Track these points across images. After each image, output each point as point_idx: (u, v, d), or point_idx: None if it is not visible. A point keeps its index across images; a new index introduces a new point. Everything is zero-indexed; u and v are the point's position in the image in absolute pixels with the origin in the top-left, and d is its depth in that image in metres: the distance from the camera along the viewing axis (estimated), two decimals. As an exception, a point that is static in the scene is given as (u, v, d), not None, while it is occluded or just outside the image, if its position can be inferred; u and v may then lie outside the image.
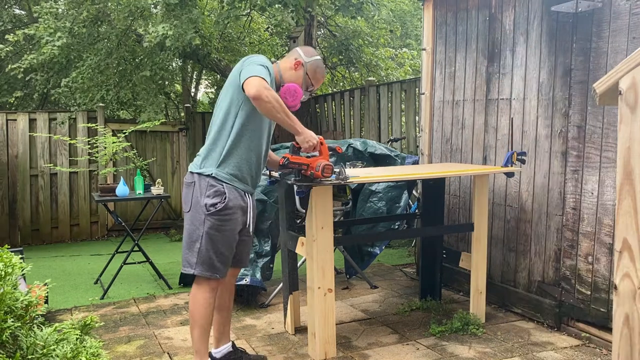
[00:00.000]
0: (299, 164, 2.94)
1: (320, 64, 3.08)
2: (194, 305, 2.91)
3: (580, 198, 3.54)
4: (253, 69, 2.70)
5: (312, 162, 2.95)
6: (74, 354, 1.79)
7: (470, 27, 4.31)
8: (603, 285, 3.41)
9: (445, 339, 3.61)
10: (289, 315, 3.76)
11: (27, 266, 2.04)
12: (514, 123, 3.94)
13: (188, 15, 6.01)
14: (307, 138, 2.90)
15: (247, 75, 2.67)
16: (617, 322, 1.67)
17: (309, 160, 2.96)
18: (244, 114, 2.83)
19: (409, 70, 10.08)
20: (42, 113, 7.42)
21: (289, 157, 2.92)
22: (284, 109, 2.73)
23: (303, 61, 3.00)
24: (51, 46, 6.36)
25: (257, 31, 9.68)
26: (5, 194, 7.25)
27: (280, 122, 2.77)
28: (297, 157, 2.95)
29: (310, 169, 2.94)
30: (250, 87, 2.64)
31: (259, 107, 2.70)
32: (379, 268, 5.45)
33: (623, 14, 3.22)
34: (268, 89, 2.66)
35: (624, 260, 1.63)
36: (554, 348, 3.45)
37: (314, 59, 3.04)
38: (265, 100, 2.64)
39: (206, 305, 2.91)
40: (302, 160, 2.95)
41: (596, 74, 3.37)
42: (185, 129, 8.20)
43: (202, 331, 2.93)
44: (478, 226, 3.82)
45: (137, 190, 4.98)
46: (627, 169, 1.61)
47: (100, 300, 4.63)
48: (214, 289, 2.93)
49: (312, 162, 2.95)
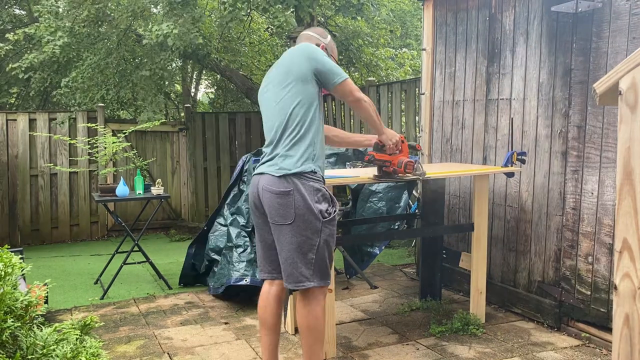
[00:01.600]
0: (382, 161, 3.12)
1: (333, 41, 3.12)
2: (315, 320, 2.71)
3: (580, 198, 3.54)
4: (338, 69, 2.76)
5: (393, 160, 3.13)
6: (74, 354, 1.78)
7: (470, 27, 4.31)
8: (603, 285, 3.41)
9: (445, 339, 3.61)
10: (289, 315, 3.76)
11: (27, 266, 2.04)
12: (514, 123, 3.94)
13: (191, 14, 6.01)
14: (390, 136, 3.06)
15: (340, 77, 2.74)
16: (617, 322, 1.66)
17: (391, 157, 3.13)
18: (318, 107, 2.77)
19: (409, 70, 10.08)
20: (42, 113, 7.42)
21: (374, 155, 3.10)
22: (375, 109, 2.90)
23: (324, 44, 3.00)
24: (52, 45, 6.36)
25: (257, 31, 9.67)
26: (5, 194, 7.25)
27: (372, 122, 2.92)
28: (381, 154, 3.11)
29: (392, 165, 3.13)
30: (352, 90, 2.77)
31: (357, 108, 2.85)
32: (379, 268, 5.45)
33: (623, 14, 3.22)
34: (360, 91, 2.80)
35: (624, 260, 1.63)
36: (554, 348, 3.45)
37: (328, 37, 3.07)
38: (366, 101, 2.81)
39: (324, 316, 2.79)
40: (385, 157, 3.12)
41: (596, 74, 3.37)
42: (185, 129, 8.20)
43: (321, 345, 2.79)
44: (478, 226, 3.81)
45: (137, 191, 4.98)
46: (627, 169, 1.61)
47: (100, 301, 4.63)
48: (325, 296, 2.82)
49: (394, 159, 3.13)
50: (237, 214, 4.64)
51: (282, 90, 2.75)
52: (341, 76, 2.74)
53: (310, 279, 2.68)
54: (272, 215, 2.69)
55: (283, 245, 2.69)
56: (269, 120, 2.81)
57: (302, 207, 2.63)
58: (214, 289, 4.54)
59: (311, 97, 2.73)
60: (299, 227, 2.64)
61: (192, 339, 3.72)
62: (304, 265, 2.66)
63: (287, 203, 2.64)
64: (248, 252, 4.37)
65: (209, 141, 8.40)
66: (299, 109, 2.70)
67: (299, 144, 2.69)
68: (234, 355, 3.43)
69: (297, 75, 2.72)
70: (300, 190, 2.64)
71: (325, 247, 2.70)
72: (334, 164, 4.61)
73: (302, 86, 2.71)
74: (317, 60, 2.73)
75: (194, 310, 4.31)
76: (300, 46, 2.83)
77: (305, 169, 2.66)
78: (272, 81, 2.84)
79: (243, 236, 4.47)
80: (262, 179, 2.73)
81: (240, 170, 4.82)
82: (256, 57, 9.78)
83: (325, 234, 2.69)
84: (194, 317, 4.16)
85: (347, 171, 3.84)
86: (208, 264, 4.77)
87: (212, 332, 3.83)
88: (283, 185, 2.65)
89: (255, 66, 9.80)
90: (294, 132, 2.70)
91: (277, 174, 2.66)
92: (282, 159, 2.69)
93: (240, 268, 4.29)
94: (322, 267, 2.71)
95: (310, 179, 2.67)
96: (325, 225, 2.69)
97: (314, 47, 2.80)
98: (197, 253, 4.89)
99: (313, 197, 2.66)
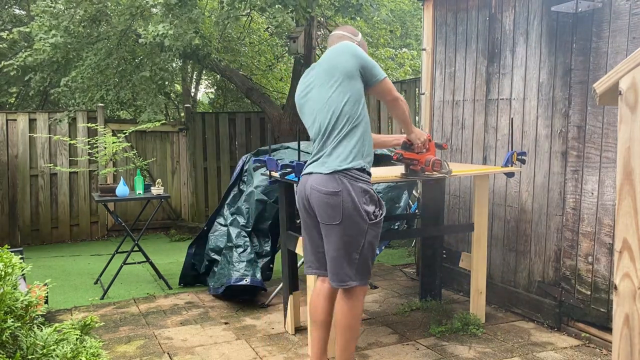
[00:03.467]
0: (410, 159, 3.20)
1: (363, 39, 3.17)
2: (354, 318, 2.79)
3: (580, 198, 3.54)
4: (378, 67, 2.84)
5: (421, 158, 3.21)
6: (74, 354, 1.79)
7: (470, 27, 4.31)
8: (603, 285, 3.41)
9: (445, 339, 3.61)
10: (289, 316, 3.76)
11: (27, 266, 2.04)
12: (514, 123, 3.94)
13: (188, 15, 6.01)
14: (419, 135, 3.15)
15: (380, 75, 2.81)
16: (617, 322, 1.66)
17: (419, 156, 3.21)
18: (364, 103, 2.82)
19: (409, 70, 10.08)
20: (42, 113, 7.42)
21: (403, 153, 3.18)
22: (408, 109, 3.01)
23: (357, 42, 3.02)
24: (43, 43, 6.35)
25: (257, 31, 9.67)
26: (5, 194, 7.25)
27: (403, 121, 3.02)
28: (409, 153, 3.19)
29: (420, 163, 3.20)
30: (391, 89, 2.86)
31: (393, 107, 2.92)
32: (379, 268, 5.45)
33: (623, 14, 3.22)
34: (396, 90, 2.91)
35: (624, 260, 1.63)
36: (554, 348, 3.45)
37: (359, 36, 3.10)
38: (402, 101, 2.92)
39: (361, 315, 2.88)
40: (413, 155, 3.20)
41: (596, 74, 3.37)
42: (185, 129, 8.20)
43: (355, 342, 2.88)
44: (478, 226, 3.81)
45: (137, 191, 4.98)
46: (627, 169, 1.61)
47: (100, 301, 4.63)
48: (365, 296, 2.90)
49: (421, 157, 3.21)
50: (237, 214, 4.64)
51: (329, 89, 2.76)
52: (381, 74, 2.82)
53: (353, 278, 2.74)
54: (321, 215, 2.75)
55: (330, 244, 2.75)
56: (316, 121, 2.82)
57: (350, 208, 2.67)
58: (214, 289, 4.54)
59: (359, 93, 2.77)
60: (346, 227, 2.69)
61: (192, 339, 3.72)
62: (348, 265, 2.73)
63: (336, 203, 2.68)
64: (248, 252, 4.37)
65: (209, 141, 8.40)
66: (348, 106, 2.73)
67: (349, 141, 2.72)
68: (234, 355, 3.43)
69: (343, 72, 2.74)
70: (349, 191, 2.67)
71: (369, 249, 2.76)
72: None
73: (349, 82, 2.74)
74: (362, 57, 2.78)
75: (194, 310, 4.31)
76: (342, 44, 2.84)
77: (354, 165, 2.70)
78: (314, 82, 2.86)
79: (243, 236, 4.47)
80: (311, 178, 2.77)
81: (240, 170, 4.82)
82: (256, 57, 9.77)
83: (370, 235, 2.74)
84: (194, 317, 4.16)
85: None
86: (208, 264, 4.77)
87: (212, 332, 3.83)
88: (332, 185, 2.68)
89: (255, 66, 9.80)
90: (344, 128, 2.73)
91: (326, 171, 2.70)
92: (330, 157, 2.72)
93: (240, 268, 4.29)
94: (364, 268, 2.77)
95: (359, 179, 2.71)
96: (371, 227, 2.73)
97: (356, 45, 2.86)
98: (197, 253, 4.89)
99: (361, 199, 2.70)
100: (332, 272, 2.78)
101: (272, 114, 7.61)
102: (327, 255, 2.79)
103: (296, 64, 7.32)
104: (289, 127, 7.37)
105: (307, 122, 2.92)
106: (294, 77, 7.51)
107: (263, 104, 7.77)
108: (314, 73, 2.88)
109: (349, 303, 2.78)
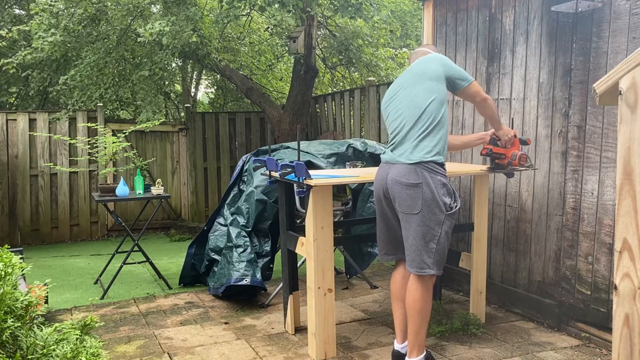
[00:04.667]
0: (498, 154, 3.45)
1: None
2: (424, 303, 2.95)
3: (580, 198, 3.54)
4: (466, 74, 3.09)
5: (508, 152, 3.44)
6: (74, 354, 1.79)
7: (470, 27, 4.31)
8: (603, 285, 3.41)
9: (445, 339, 3.61)
10: (289, 315, 3.76)
11: (27, 266, 2.04)
12: (514, 123, 3.94)
13: (185, 13, 6.02)
14: (507, 132, 3.40)
15: (468, 81, 3.07)
16: (617, 322, 1.67)
17: (505, 150, 3.45)
18: (446, 107, 3.03)
19: (409, 70, 10.05)
20: (42, 113, 7.42)
21: (492, 148, 3.43)
22: (495, 107, 3.25)
23: None
24: (42, 41, 6.35)
25: (257, 31, 9.67)
26: (5, 194, 7.25)
27: (493, 119, 3.29)
28: (497, 148, 3.44)
29: (507, 158, 3.44)
30: (479, 91, 3.12)
31: (483, 107, 3.18)
32: (379, 268, 5.45)
33: (623, 14, 3.22)
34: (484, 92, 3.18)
35: (624, 260, 1.63)
36: (554, 348, 3.45)
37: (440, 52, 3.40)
38: (490, 100, 3.18)
39: (431, 300, 3.02)
40: (501, 150, 3.45)
41: (596, 74, 3.37)
42: (185, 129, 8.20)
43: (426, 327, 3.02)
44: (478, 226, 3.82)
45: (137, 190, 4.98)
46: (627, 169, 1.61)
47: (100, 300, 4.63)
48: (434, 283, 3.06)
49: (508, 152, 3.44)
50: (237, 214, 4.64)
51: (417, 88, 2.99)
52: (469, 79, 3.08)
53: (431, 266, 2.91)
54: (401, 205, 2.92)
55: (409, 233, 2.92)
56: (401, 115, 3.00)
57: (429, 199, 2.87)
58: (214, 289, 4.54)
59: (443, 95, 3.00)
60: (424, 217, 2.87)
61: (192, 338, 3.72)
62: (426, 254, 2.90)
63: (416, 194, 2.87)
64: (248, 252, 4.37)
65: (209, 141, 8.40)
66: (433, 105, 2.94)
67: (432, 137, 2.92)
68: (234, 355, 3.43)
69: (431, 76, 2.99)
70: (429, 183, 2.87)
71: (445, 238, 2.94)
72: (334, 163, 4.60)
73: (436, 84, 2.98)
74: (450, 67, 3.07)
75: (194, 310, 4.31)
76: (432, 55, 3.13)
77: (437, 159, 2.91)
78: (403, 85, 3.07)
79: (243, 236, 4.47)
80: (392, 169, 2.95)
81: (240, 170, 4.82)
82: (256, 57, 9.77)
83: (446, 225, 2.93)
84: (194, 317, 4.16)
85: (347, 171, 3.84)
86: (208, 264, 4.77)
87: (212, 332, 3.83)
88: (413, 178, 2.87)
89: (255, 66, 9.80)
90: (428, 125, 2.92)
91: (409, 162, 2.89)
92: (413, 149, 2.91)
93: (241, 268, 4.29)
94: (441, 257, 2.95)
95: (439, 172, 2.91)
96: (447, 217, 2.92)
97: (445, 57, 3.13)
98: (197, 253, 4.89)
99: (440, 191, 2.89)
100: (410, 258, 2.93)
101: (272, 114, 7.61)
102: (405, 243, 2.96)
103: (296, 63, 7.32)
104: (289, 127, 7.37)
105: (390, 118, 3.10)
106: (294, 77, 7.50)
107: (263, 104, 7.77)
108: (403, 78, 3.10)
109: (420, 289, 2.94)
